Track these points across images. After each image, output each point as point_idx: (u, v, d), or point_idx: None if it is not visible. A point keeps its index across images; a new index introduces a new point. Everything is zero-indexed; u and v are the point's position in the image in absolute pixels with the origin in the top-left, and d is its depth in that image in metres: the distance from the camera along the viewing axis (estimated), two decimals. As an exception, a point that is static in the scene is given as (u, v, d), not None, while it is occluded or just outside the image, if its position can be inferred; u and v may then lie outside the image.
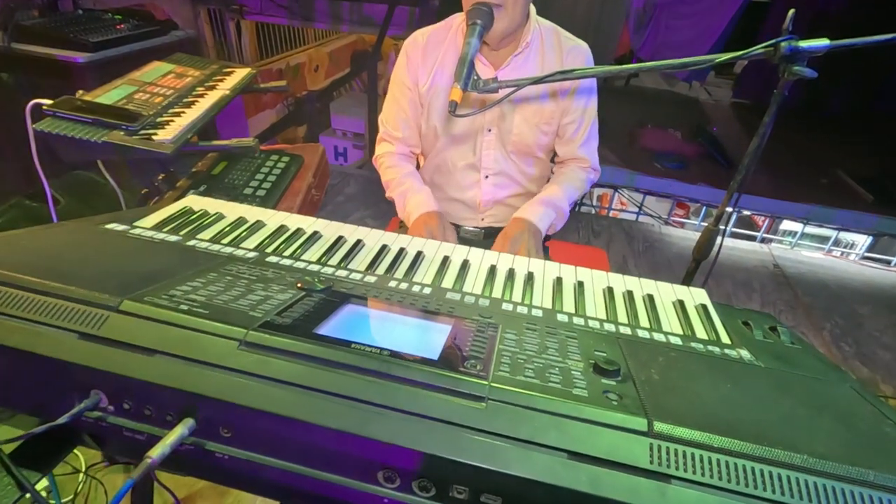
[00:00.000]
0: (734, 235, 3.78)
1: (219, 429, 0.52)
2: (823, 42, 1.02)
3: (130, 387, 0.52)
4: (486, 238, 1.56)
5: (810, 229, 3.73)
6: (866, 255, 3.70)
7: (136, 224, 0.87)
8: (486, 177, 1.46)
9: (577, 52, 1.35)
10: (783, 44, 1.02)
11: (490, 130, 1.39)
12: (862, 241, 3.82)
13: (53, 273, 0.60)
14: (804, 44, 1.02)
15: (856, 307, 2.99)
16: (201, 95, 1.51)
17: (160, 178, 1.55)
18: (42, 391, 0.56)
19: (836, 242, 3.83)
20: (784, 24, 1.03)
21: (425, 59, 1.37)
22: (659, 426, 0.49)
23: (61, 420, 0.50)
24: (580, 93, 1.38)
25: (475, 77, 1.01)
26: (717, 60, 1.02)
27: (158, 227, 0.87)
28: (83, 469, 1.45)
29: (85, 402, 0.52)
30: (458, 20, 1.36)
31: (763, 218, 3.95)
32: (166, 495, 1.47)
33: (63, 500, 1.49)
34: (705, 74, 5.46)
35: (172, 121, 1.31)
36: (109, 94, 1.32)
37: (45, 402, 0.55)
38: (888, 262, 3.62)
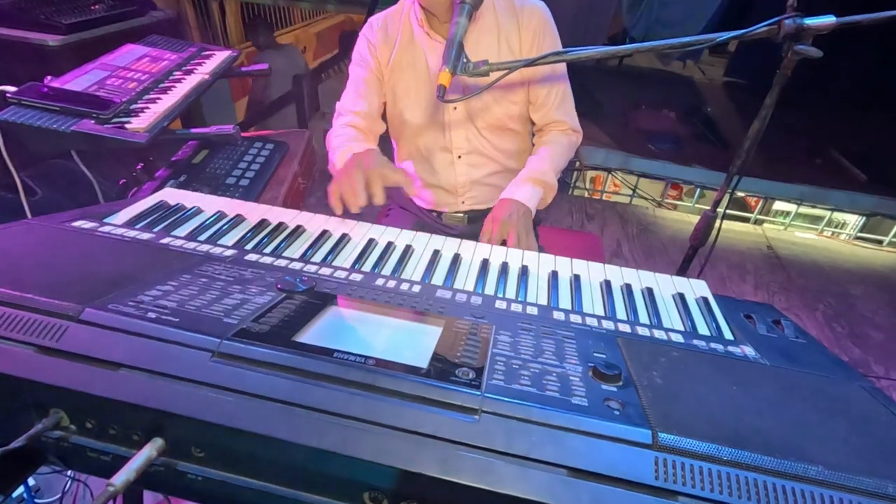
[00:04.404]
0: (728, 217, 3.76)
1: (190, 448, 0.48)
2: (829, 18, 0.97)
3: (93, 404, 0.48)
4: (471, 223, 1.52)
5: (803, 209, 3.72)
6: (859, 235, 3.70)
7: (106, 221, 0.81)
8: (459, 157, 1.41)
9: (532, 12, 1.28)
10: (787, 21, 0.98)
11: (455, 109, 1.34)
12: (854, 219, 3.82)
13: (9, 279, 0.56)
14: (809, 20, 0.97)
15: (848, 288, 3.00)
16: (178, 80, 1.44)
17: (138, 167, 1.49)
18: (-3, 410, 0.52)
19: (829, 222, 3.82)
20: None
21: (385, 41, 1.31)
22: (664, 438, 0.46)
23: (16, 444, 0.46)
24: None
25: (464, 60, 0.95)
26: (719, 40, 0.97)
27: (130, 223, 0.82)
28: (68, 470, 1.41)
29: (43, 422, 0.48)
30: (408, 1, 1.30)
31: (756, 199, 3.93)
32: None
33: (50, 500, 1.46)
34: (700, 53, 5.38)
35: (147, 108, 1.24)
36: (79, 80, 1.25)
37: (1, 421, 0.51)
38: (880, 242, 3.62)
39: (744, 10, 4.28)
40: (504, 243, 1.11)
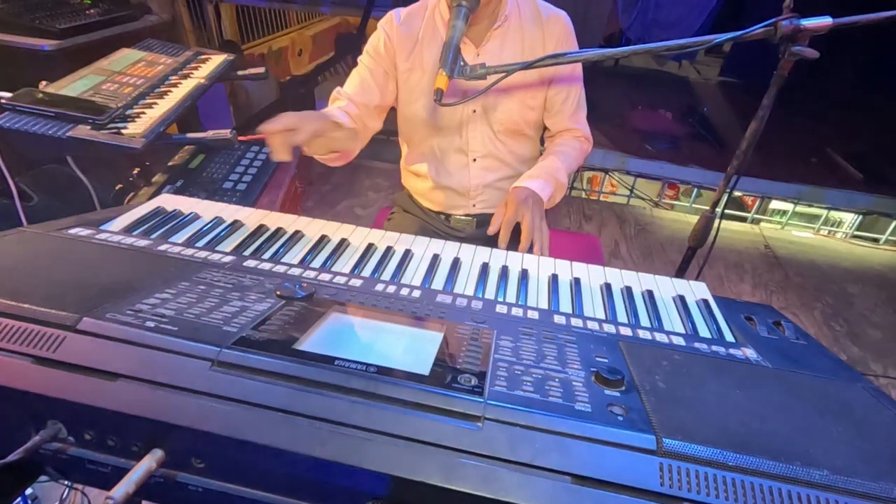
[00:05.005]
0: (725, 216, 3.76)
1: (190, 459, 0.47)
2: (826, 19, 0.98)
3: (91, 416, 0.47)
4: (479, 227, 1.51)
5: (800, 208, 3.73)
6: (855, 233, 3.71)
7: (102, 228, 0.81)
8: (474, 160, 1.41)
9: (556, 21, 1.30)
10: (784, 22, 0.98)
11: (474, 111, 1.34)
12: (850, 218, 3.83)
13: (5, 289, 0.55)
14: (806, 21, 0.97)
15: (846, 286, 3.00)
16: (175, 85, 1.44)
17: (135, 172, 1.48)
18: (-6, 421, 0.51)
19: (826, 221, 3.83)
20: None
21: (405, 38, 1.30)
22: (668, 443, 0.46)
23: (14, 456, 0.45)
24: None
25: (461, 63, 0.95)
26: (716, 41, 0.97)
27: (127, 230, 0.82)
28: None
29: (41, 434, 0.47)
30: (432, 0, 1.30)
31: (753, 198, 3.94)
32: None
33: (47, 508, 1.45)
34: (696, 53, 5.40)
35: (143, 113, 1.24)
36: (74, 86, 1.24)
37: (-2, 433, 0.51)
38: (876, 240, 3.63)
39: (739, 10, 4.29)
40: (518, 227, 1.10)
